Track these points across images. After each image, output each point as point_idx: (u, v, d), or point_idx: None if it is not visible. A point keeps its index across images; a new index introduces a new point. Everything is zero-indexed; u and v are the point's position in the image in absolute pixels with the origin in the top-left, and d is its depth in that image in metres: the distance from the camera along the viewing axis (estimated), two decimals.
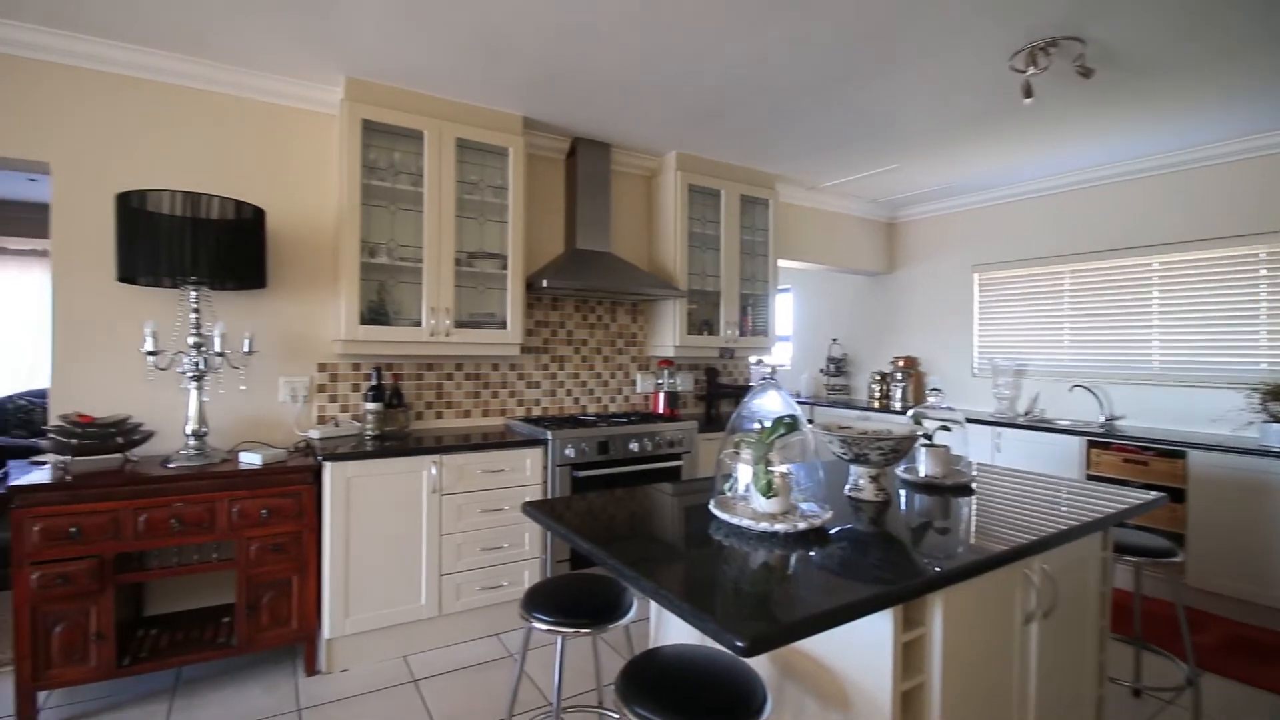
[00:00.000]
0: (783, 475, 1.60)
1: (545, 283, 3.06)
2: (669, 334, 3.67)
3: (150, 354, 2.34)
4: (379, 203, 2.94)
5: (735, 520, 1.56)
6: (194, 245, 2.35)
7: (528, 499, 2.84)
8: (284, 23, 2.35)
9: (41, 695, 2.23)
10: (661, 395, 3.70)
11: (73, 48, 2.49)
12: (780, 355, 6.30)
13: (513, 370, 3.47)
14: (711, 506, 1.67)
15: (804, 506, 1.64)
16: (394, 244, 2.95)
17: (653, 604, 1.96)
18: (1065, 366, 4.18)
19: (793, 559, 1.38)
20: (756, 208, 4.04)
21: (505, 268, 3.14)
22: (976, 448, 3.91)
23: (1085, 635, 1.87)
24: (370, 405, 2.84)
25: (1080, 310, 4.13)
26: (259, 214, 2.56)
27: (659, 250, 3.79)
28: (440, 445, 2.70)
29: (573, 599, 1.70)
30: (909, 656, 1.34)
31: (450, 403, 3.28)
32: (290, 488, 2.41)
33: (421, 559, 2.64)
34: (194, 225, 2.36)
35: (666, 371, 3.72)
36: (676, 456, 3.24)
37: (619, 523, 1.66)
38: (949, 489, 2.03)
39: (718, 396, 3.95)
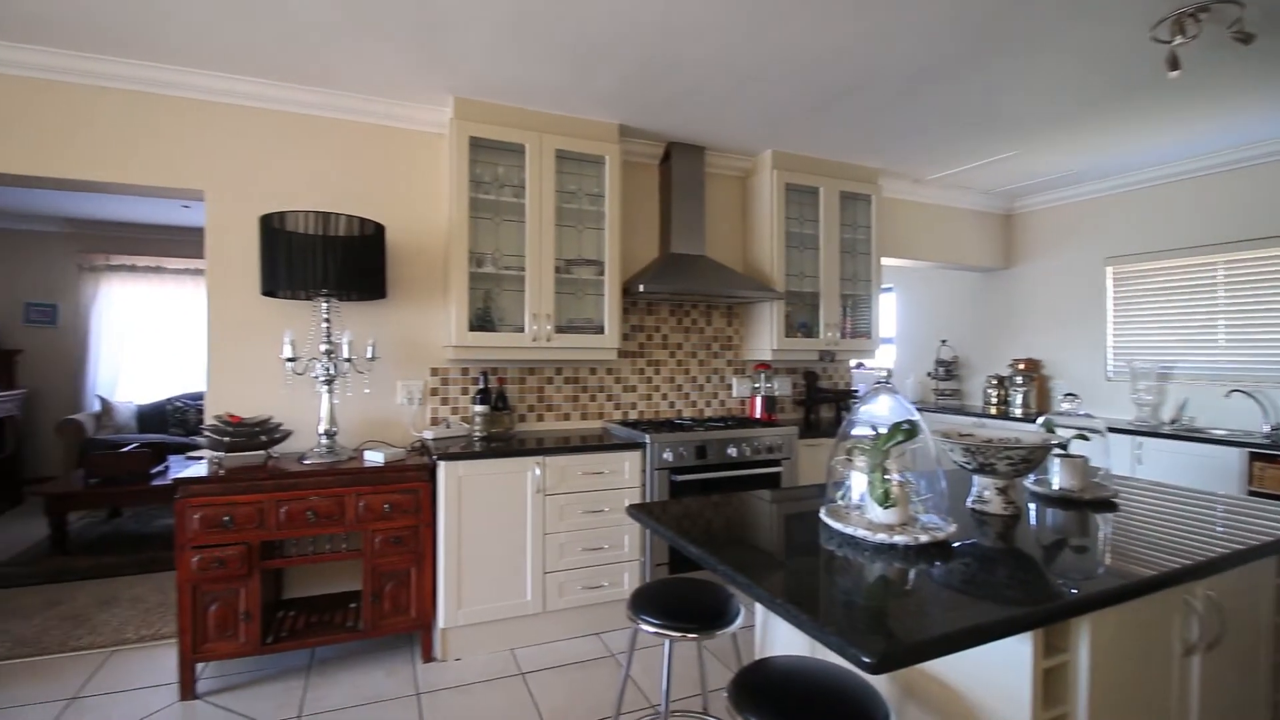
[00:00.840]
0: (901, 484, 1.51)
1: (641, 287, 3.09)
2: (766, 337, 3.60)
3: (289, 360, 2.57)
4: (485, 215, 3.08)
5: (849, 530, 1.50)
6: (325, 260, 2.56)
7: (627, 501, 2.89)
8: (401, 51, 2.53)
9: (198, 667, 2.49)
10: (758, 400, 3.63)
11: (222, 86, 2.78)
12: (883, 358, 6.02)
13: (610, 374, 3.52)
14: (822, 515, 1.62)
15: (924, 518, 1.54)
16: (499, 254, 3.08)
17: (759, 612, 1.91)
18: (1220, 369, 3.71)
19: (914, 573, 1.30)
20: (857, 204, 3.88)
21: (602, 273, 3.19)
22: (1115, 459, 3.55)
23: (1256, 671, 1.65)
24: (478, 408, 2.97)
25: (1238, 306, 3.65)
26: (379, 229, 2.75)
27: (754, 252, 3.73)
28: (543, 447, 2.78)
29: (679, 603, 1.70)
30: (1050, 685, 1.23)
31: (551, 406, 3.38)
32: (409, 485, 2.57)
33: (527, 557, 2.73)
34: (324, 242, 2.57)
35: (763, 375, 3.65)
36: (775, 463, 3.16)
37: (724, 528, 1.64)
38: (1087, 504, 1.85)
39: (817, 401, 3.83)
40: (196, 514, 2.31)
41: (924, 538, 1.44)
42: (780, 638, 1.82)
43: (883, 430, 1.55)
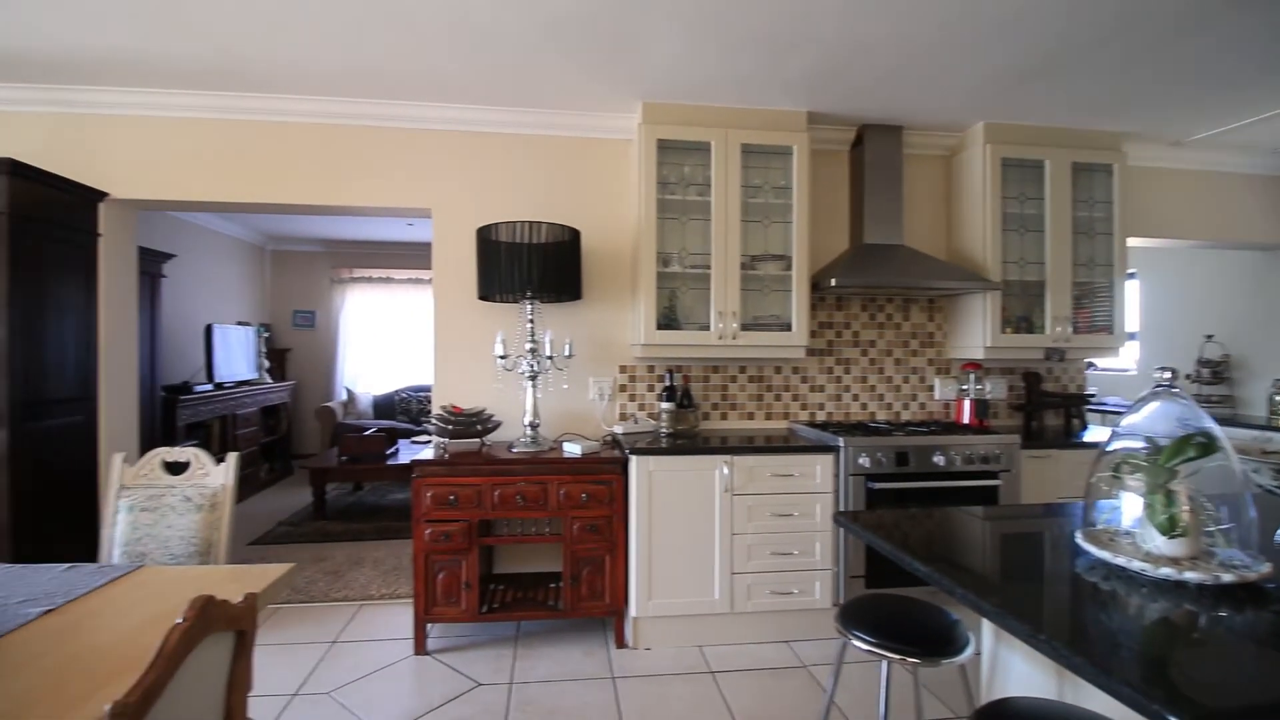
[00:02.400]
0: (1192, 510, 1.24)
1: (834, 281, 2.92)
2: (977, 333, 3.22)
3: (501, 357, 2.82)
4: (671, 215, 3.13)
5: (1119, 560, 1.26)
6: (530, 265, 2.77)
7: (819, 507, 2.75)
8: (594, 66, 2.66)
9: (428, 626, 2.82)
10: (967, 403, 3.26)
11: (444, 115, 3.13)
12: (1126, 357, 5.11)
13: (795, 373, 3.39)
14: (1079, 539, 1.38)
15: (1223, 553, 1.25)
16: (684, 253, 3.11)
17: (986, 641, 1.70)
18: None
19: (1210, 620, 1.06)
20: (1095, 176, 3.32)
21: (789, 269, 3.08)
22: None
23: None
24: (664, 405, 3.02)
25: None
26: (576, 235, 2.91)
27: (963, 237, 3.36)
28: (732, 446, 2.75)
29: (895, 622, 1.56)
30: None
31: (734, 404, 3.34)
32: (603, 476, 2.69)
33: (714, 555, 2.72)
34: (529, 249, 2.78)
35: (973, 376, 3.27)
36: (992, 475, 2.81)
37: (944, 545, 1.48)
38: None
39: (1041, 406, 3.34)
40: (429, 492, 2.62)
41: (1226, 577, 1.16)
42: (1015, 673, 1.60)
43: (1164, 443, 1.29)
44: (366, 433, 5.11)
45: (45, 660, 1.16)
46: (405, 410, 6.79)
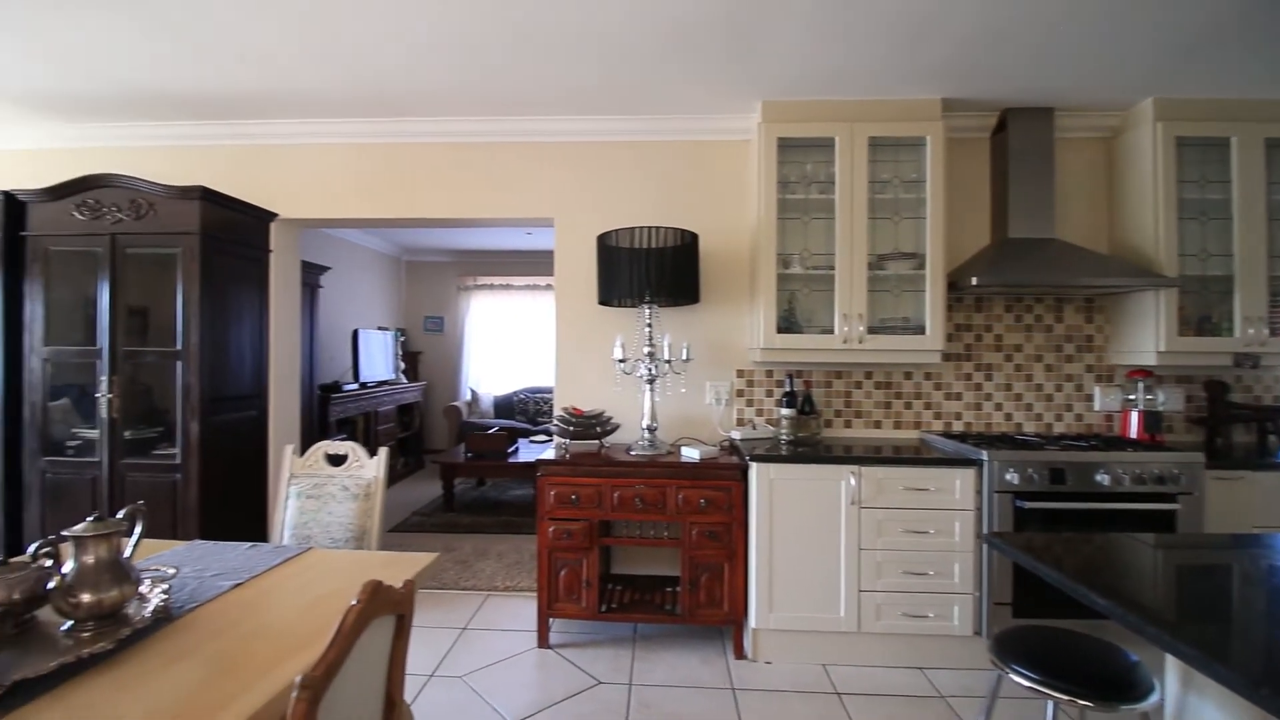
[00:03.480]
0: None
1: (974, 280, 2.70)
2: (1148, 336, 2.84)
3: (620, 361, 2.86)
4: (792, 215, 3.03)
5: None
6: (648, 270, 2.79)
7: (958, 525, 2.55)
8: (713, 68, 2.64)
9: (550, 621, 2.91)
10: (1134, 415, 2.88)
11: (565, 127, 3.24)
12: None
13: (928, 379, 3.17)
14: None
15: None
16: (806, 253, 3.00)
17: (1170, 689, 1.48)
18: None
19: None
20: None
21: (922, 267, 2.88)
22: None
23: None
24: (785, 411, 2.93)
25: None
26: (694, 238, 2.89)
27: (1128, 228, 2.99)
28: (859, 455, 2.62)
29: (1061, 658, 1.40)
30: None
31: (859, 412, 3.17)
32: (722, 482, 2.64)
33: (840, 570, 2.59)
34: (648, 254, 2.80)
35: (1142, 385, 2.89)
36: (1169, 498, 2.46)
37: (1112, 574, 1.30)
38: None
39: (1229, 420, 2.90)
40: (552, 491, 2.71)
41: None
42: None
43: None
44: (490, 431, 5.39)
45: (238, 629, 1.30)
46: (523, 410, 7.10)
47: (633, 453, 2.81)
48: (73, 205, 3.05)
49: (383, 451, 2.22)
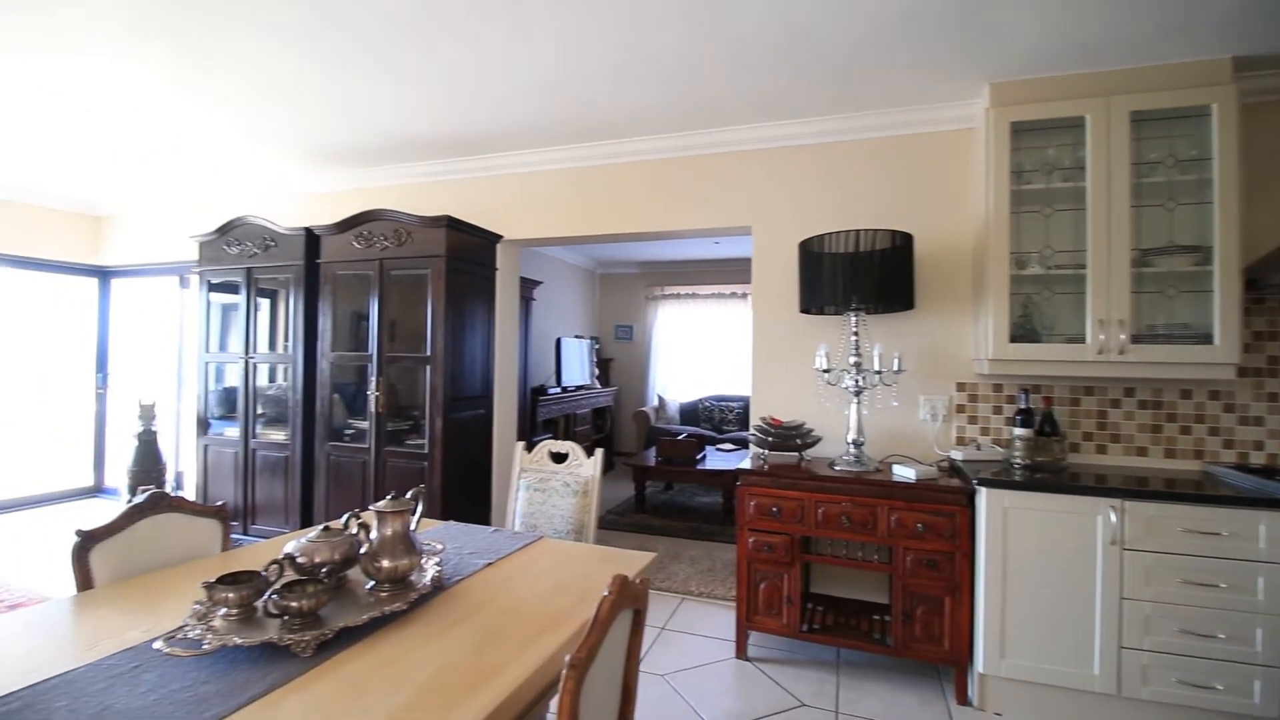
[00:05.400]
0: None
1: None
2: None
3: (824, 371, 2.75)
4: (1029, 208, 2.69)
5: None
6: (856, 276, 2.64)
7: (1261, 582, 2.06)
8: (930, 56, 2.44)
9: (749, 633, 2.87)
10: None
11: (763, 134, 3.21)
12: None
13: (1214, 399, 2.60)
14: None
15: None
16: (1047, 251, 2.64)
17: None
18: None
19: None
20: None
21: (1207, 262, 2.38)
22: None
23: None
24: (1019, 431, 2.59)
25: None
26: (908, 239, 2.69)
27: None
28: (1122, 487, 2.22)
29: None
30: None
31: (1116, 435, 2.70)
32: (943, 506, 2.41)
33: (1094, 620, 2.22)
34: (856, 258, 2.65)
35: None
36: None
37: None
38: None
39: None
40: (752, 501, 2.68)
41: None
42: None
43: None
44: (679, 437, 5.52)
45: (495, 604, 1.46)
46: (708, 418, 7.16)
47: (837, 468, 2.68)
48: (352, 236, 3.71)
49: (598, 452, 2.37)
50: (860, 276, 2.65)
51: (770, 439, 2.90)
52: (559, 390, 5.97)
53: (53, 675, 1.11)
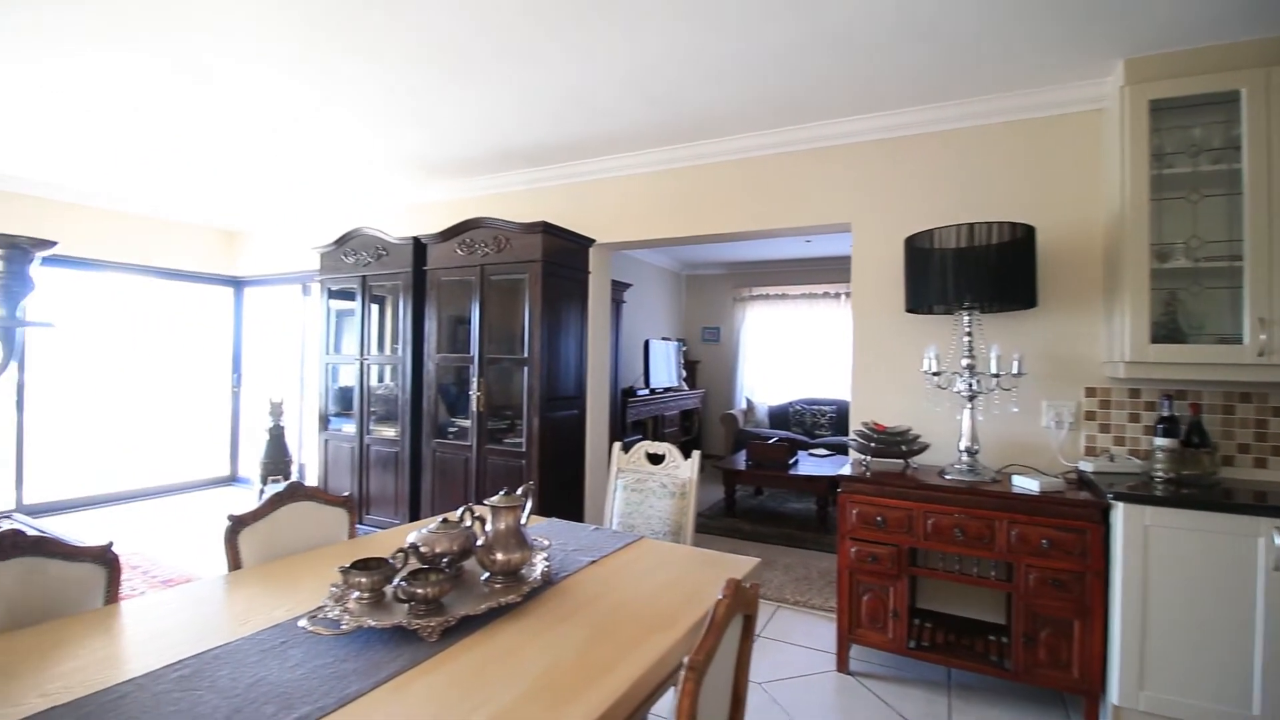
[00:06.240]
0: None
1: None
2: None
3: (934, 374, 2.60)
4: (1172, 195, 2.43)
5: None
6: (969, 272, 2.49)
7: None
8: (1054, 33, 2.26)
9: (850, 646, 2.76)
10: None
11: (861, 126, 3.09)
12: None
13: None
14: None
15: None
16: (1195, 241, 2.37)
17: None
18: None
19: None
20: None
21: None
22: None
23: None
24: (1162, 441, 2.34)
25: None
26: (1029, 232, 2.49)
27: None
28: None
29: None
30: None
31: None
32: (1072, 522, 2.22)
33: (1252, 652, 1.96)
34: (969, 254, 2.49)
35: None
36: None
37: None
38: None
39: None
40: (854, 509, 2.57)
41: None
42: None
43: None
44: (770, 441, 5.41)
45: (602, 601, 1.48)
46: (799, 422, 6.98)
47: (948, 477, 2.53)
48: (456, 244, 3.89)
49: (695, 454, 2.35)
50: (974, 273, 2.49)
51: (873, 445, 2.78)
52: (647, 392, 6.01)
53: (215, 646, 1.22)
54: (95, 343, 5.20)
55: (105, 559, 1.50)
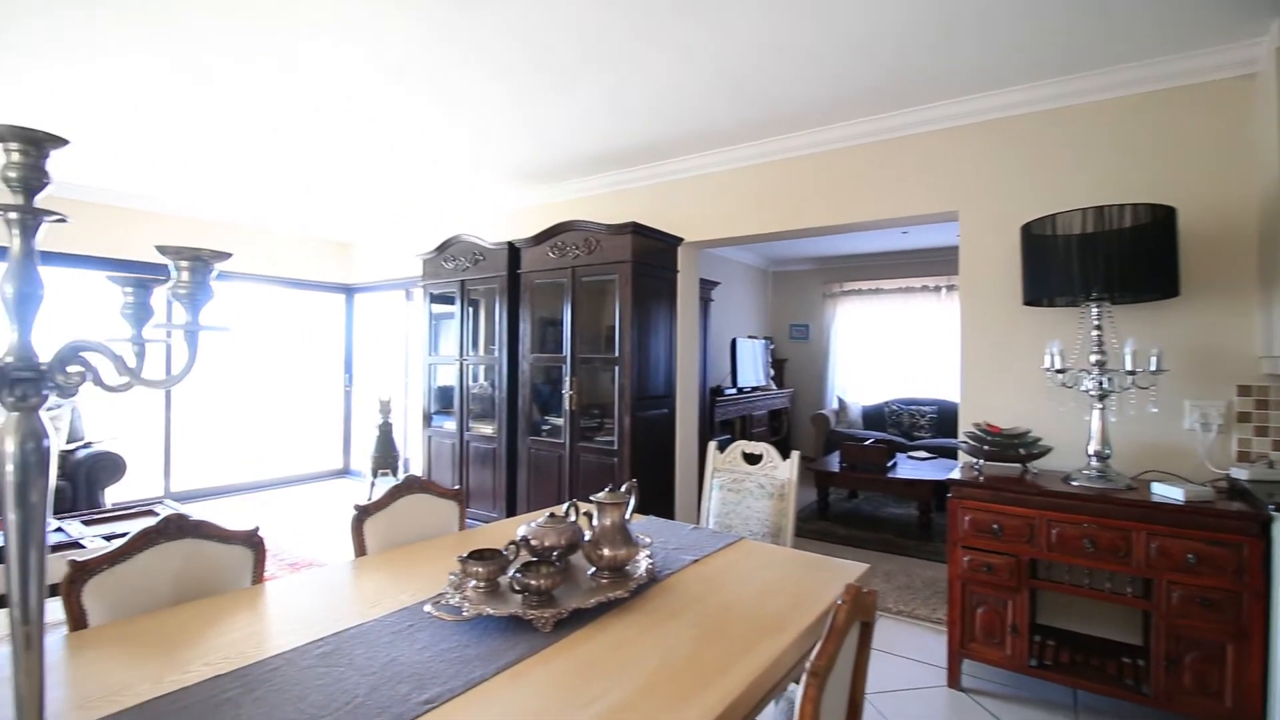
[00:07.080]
0: None
1: None
2: None
3: (1058, 371, 2.40)
4: None
5: None
6: (1099, 260, 2.28)
7: None
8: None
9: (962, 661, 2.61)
10: None
11: (966, 108, 2.91)
12: None
13: None
14: None
15: None
16: None
17: None
18: None
19: None
20: None
21: None
22: None
23: None
24: None
25: None
26: (1169, 214, 2.25)
27: None
28: None
29: None
30: None
31: None
32: (1224, 535, 1.98)
33: None
34: (1098, 239, 2.28)
35: None
36: None
37: None
38: None
39: None
40: (967, 516, 2.42)
41: None
42: None
43: None
44: (867, 443, 5.20)
45: (708, 601, 1.47)
46: (895, 423, 6.67)
47: (1074, 483, 2.33)
48: (548, 247, 4.00)
49: (794, 455, 2.30)
50: (1104, 260, 2.27)
51: (987, 448, 2.60)
52: (735, 391, 5.94)
53: (350, 626, 1.32)
54: (225, 346, 5.76)
55: (252, 542, 1.65)
